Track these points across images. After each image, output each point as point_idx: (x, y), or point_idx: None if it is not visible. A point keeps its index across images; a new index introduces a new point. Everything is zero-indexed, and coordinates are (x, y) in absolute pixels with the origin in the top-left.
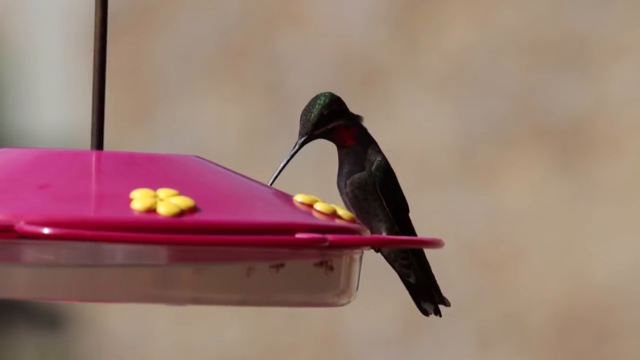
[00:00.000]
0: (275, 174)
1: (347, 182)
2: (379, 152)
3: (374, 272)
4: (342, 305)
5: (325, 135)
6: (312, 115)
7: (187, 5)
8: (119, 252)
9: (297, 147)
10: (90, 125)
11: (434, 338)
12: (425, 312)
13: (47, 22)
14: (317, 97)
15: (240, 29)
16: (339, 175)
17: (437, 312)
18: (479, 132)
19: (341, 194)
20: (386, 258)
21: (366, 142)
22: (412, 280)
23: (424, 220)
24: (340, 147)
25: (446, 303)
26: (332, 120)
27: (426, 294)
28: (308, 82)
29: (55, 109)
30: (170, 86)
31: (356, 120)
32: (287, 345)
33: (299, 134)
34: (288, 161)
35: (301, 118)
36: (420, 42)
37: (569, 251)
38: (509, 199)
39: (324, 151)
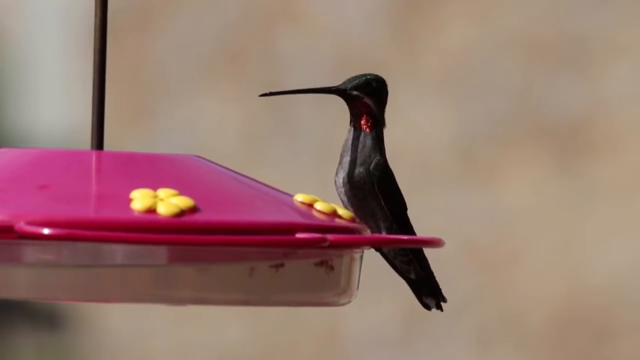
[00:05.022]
0: (294, 89)
1: (345, 180)
2: (381, 152)
3: (375, 271)
4: (343, 304)
5: (353, 103)
6: (364, 78)
7: (186, 5)
8: (119, 252)
9: (330, 89)
10: (90, 125)
11: (433, 338)
12: (427, 307)
13: (47, 22)
14: (372, 74)
15: (240, 29)
16: (339, 164)
17: (439, 307)
18: (479, 132)
19: (338, 192)
20: (385, 256)
21: (376, 138)
22: (412, 276)
23: (424, 219)
24: (353, 127)
25: (443, 298)
26: (372, 95)
27: (427, 288)
28: (308, 82)
29: (55, 109)
30: (170, 86)
31: (382, 117)
32: (287, 345)
33: (337, 85)
34: (313, 90)
35: (347, 80)
36: (420, 42)
37: (569, 251)
38: (508, 199)
39: (324, 151)
